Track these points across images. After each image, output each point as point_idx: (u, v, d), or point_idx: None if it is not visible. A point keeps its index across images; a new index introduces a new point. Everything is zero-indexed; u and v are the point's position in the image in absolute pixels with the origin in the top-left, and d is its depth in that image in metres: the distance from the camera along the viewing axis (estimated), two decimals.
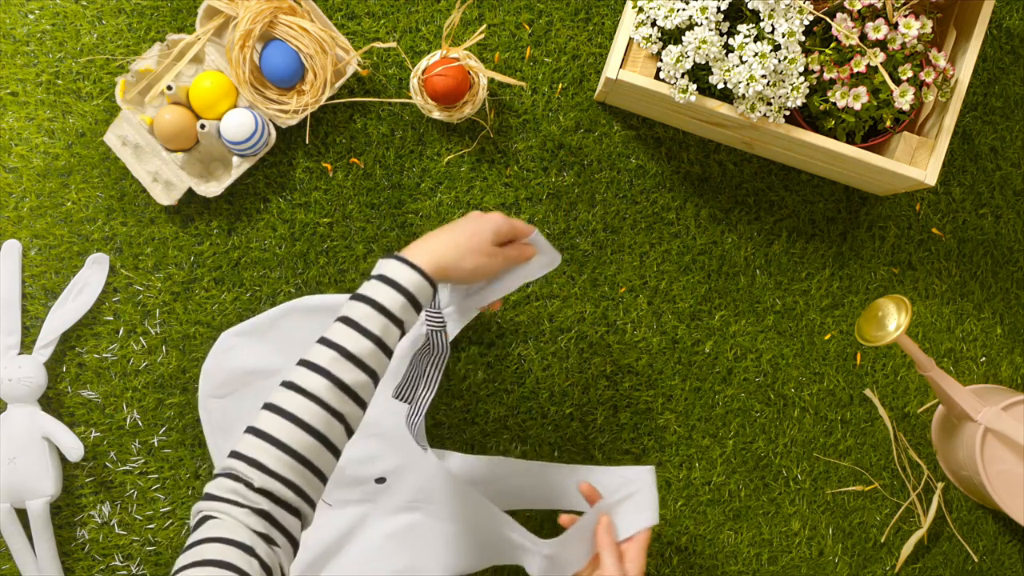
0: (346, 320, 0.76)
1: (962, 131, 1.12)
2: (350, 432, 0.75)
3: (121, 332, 1.05)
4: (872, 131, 1.01)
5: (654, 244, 1.09)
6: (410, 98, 1.07)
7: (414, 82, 1.04)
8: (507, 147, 1.08)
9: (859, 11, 0.93)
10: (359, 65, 1.05)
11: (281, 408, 0.72)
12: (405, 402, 0.93)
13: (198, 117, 1.02)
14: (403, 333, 0.78)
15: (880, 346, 1.00)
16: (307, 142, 1.06)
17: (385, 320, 0.76)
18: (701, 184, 1.10)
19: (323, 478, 0.74)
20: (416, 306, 0.78)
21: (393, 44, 1.06)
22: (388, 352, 0.77)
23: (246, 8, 1.00)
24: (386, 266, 0.78)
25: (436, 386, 0.92)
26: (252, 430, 0.72)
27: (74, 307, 1.03)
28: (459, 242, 0.81)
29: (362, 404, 0.76)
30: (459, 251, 0.80)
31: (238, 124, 0.99)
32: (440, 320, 0.89)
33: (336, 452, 0.74)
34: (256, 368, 1.02)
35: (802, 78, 0.93)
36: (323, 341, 0.75)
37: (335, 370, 0.73)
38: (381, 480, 1.02)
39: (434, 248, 0.80)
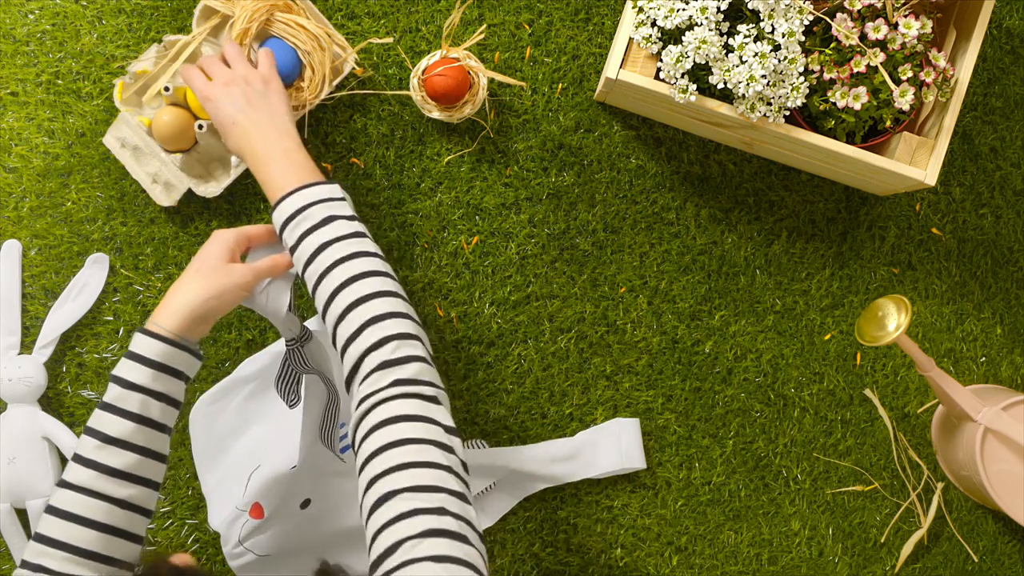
0: (104, 405, 0.76)
1: (962, 131, 1.12)
2: (145, 512, 0.76)
3: (121, 332, 1.05)
4: (872, 131, 1.00)
5: (654, 244, 1.09)
6: (409, 94, 1.07)
7: (414, 82, 1.04)
8: (507, 147, 1.08)
9: (859, 11, 0.93)
10: (355, 63, 1.04)
11: (56, 508, 0.73)
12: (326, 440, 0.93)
13: (196, 118, 1.02)
14: (173, 400, 0.78)
15: (880, 346, 1.00)
16: (305, 136, 1.06)
17: (141, 396, 0.75)
18: (701, 184, 1.10)
19: (122, 564, 0.74)
20: (172, 372, 0.77)
21: (390, 39, 1.06)
22: (158, 426, 0.77)
23: (243, 7, 1.00)
24: (133, 340, 0.78)
25: (330, 392, 0.91)
26: (35, 536, 0.73)
27: (74, 307, 1.03)
28: (188, 278, 0.79)
29: (146, 483, 0.76)
30: (192, 285, 0.79)
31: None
32: (291, 339, 0.87)
33: (131, 536, 0.75)
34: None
35: (802, 78, 0.93)
36: (86, 430, 0.75)
37: (100, 458, 0.74)
38: (305, 504, 1.00)
39: (171, 299, 0.78)
